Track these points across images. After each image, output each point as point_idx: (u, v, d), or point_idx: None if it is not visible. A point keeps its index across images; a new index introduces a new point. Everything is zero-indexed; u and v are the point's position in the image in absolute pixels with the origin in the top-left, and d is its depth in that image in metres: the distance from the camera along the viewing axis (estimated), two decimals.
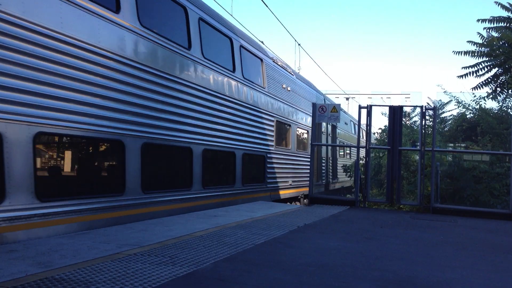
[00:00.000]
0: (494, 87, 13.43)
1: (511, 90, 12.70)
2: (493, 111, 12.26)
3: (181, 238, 4.82)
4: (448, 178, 10.71)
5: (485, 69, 13.23)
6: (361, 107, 9.93)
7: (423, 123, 9.84)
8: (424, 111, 9.76)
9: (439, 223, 7.38)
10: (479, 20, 12.78)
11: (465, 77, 13.38)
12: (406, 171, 11.46)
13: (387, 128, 10.13)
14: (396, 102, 34.17)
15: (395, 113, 9.43)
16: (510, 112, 12.05)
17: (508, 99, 12.43)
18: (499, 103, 12.62)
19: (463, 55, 12.98)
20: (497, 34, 12.80)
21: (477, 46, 13.03)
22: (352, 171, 20.01)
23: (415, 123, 14.93)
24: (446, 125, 13.59)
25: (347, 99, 38.46)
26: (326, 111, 10.14)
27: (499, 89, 13.27)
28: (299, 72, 17.87)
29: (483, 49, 12.93)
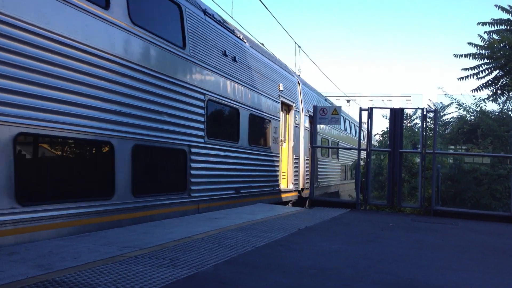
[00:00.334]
0: (494, 89, 13.43)
1: (511, 92, 12.69)
2: (493, 114, 12.27)
3: (181, 240, 4.82)
4: (449, 180, 10.70)
5: (486, 72, 13.24)
6: (362, 109, 9.93)
7: (424, 126, 9.83)
8: (425, 113, 9.75)
9: (440, 225, 7.36)
10: (480, 23, 12.80)
11: (466, 79, 13.39)
12: (407, 174, 11.45)
13: (388, 130, 10.13)
14: (397, 104, 34.11)
15: (396, 115, 9.42)
16: (511, 114, 12.06)
17: (508, 101, 12.44)
18: (500, 105, 12.64)
19: (464, 58, 12.99)
20: (497, 36, 12.80)
21: (477, 48, 13.04)
22: (351, 173, 19.63)
23: (415, 125, 14.94)
24: (447, 128, 13.60)
25: (348, 101, 38.47)
26: (327, 113, 10.14)
27: (499, 91, 13.27)
28: (299, 74, 17.48)
29: (483, 51, 12.93)
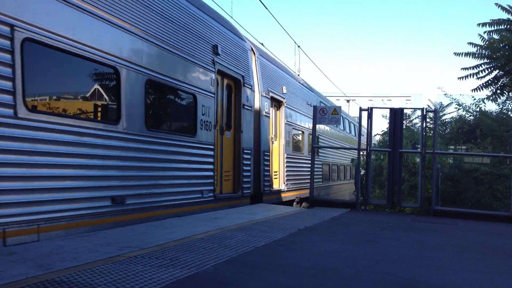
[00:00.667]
0: (494, 89, 13.45)
1: (511, 92, 12.71)
2: (493, 114, 12.28)
3: (181, 240, 4.81)
4: (449, 180, 10.71)
5: (486, 71, 13.25)
6: (362, 109, 9.93)
7: (424, 125, 9.83)
8: (425, 113, 9.76)
9: (440, 225, 7.36)
10: (479, 24, 12.82)
11: (466, 79, 13.40)
12: (407, 174, 11.45)
13: (388, 130, 10.12)
14: (396, 104, 34.12)
15: (396, 115, 9.42)
16: (510, 114, 12.07)
17: (508, 101, 12.46)
18: (499, 105, 12.66)
19: (464, 56, 13.00)
20: (497, 36, 12.82)
21: (477, 48, 13.05)
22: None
23: (415, 125, 14.94)
24: (446, 128, 13.61)
25: (348, 101, 38.48)
26: (326, 114, 10.14)
27: (499, 91, 13.28)
28: (298, 74, 17.10)
29: (483, 51, 12.94)
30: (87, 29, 5.19)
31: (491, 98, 12.96)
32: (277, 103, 11.61)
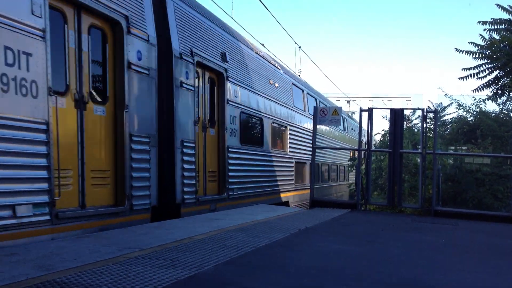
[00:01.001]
0: (495, 89, 13.44)
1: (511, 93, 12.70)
2: (493, 114, 12.27)
3: (181, 241, 4.81)
4: (449, 180, 10.70)
5: (486, 72, 13.24)
6: (362, 110, 9.92)
7: (424, 126, 9.83)
8: (425, 114, 9.75)
9: (441, 226, 7.36)
10: (480, 22, 12.80)
11: (466, 79, 13.39)
12: (407, 174, 11.43)
13: (388, 131, 10.12)
14: (397, 105, 34.11)
15: (396, 116, 9.42)
16: (511, 115, 12.06)
17: (508, 101, 12.44)
18: (500, 106, 12.65)
19: (465, 54, 12.98)
20: (498, 36, 12.81)
21: (478, 47, 13.05)
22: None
23: (415, 126, 14.93)
24: (447, 128, 13.60)
25: (348, 102, 38.53)
26: (327, 114, 10.13)
27: (499, 91, 13.27)
28: (299, 75, 16.97)
29: (484, 51, 12.94)
30: None
31: (492, 98, 12.95)
32: (213, 75, 8.46)
